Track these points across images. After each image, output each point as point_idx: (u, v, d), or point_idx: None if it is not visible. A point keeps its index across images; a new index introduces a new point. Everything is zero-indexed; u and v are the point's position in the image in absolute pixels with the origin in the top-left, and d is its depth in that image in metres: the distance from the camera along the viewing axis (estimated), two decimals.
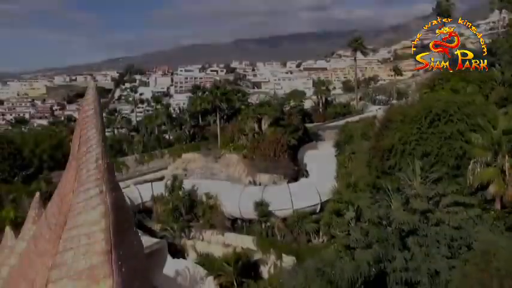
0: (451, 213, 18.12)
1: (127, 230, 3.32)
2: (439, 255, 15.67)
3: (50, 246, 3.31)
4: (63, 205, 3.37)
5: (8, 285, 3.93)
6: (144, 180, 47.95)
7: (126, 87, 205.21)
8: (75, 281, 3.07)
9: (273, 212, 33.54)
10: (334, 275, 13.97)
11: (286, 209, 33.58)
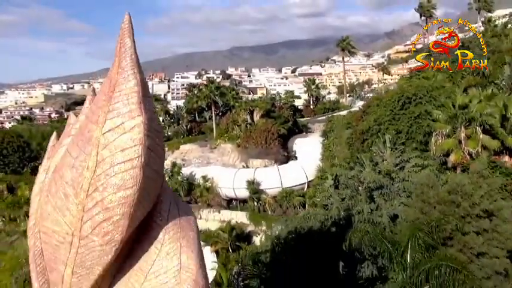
0: (412, 172, 20.70)
1: (148, 97, 5.74)
2: (398, 203, 18.22)
3: (105, 102, 5.76)
4: (111, 81, 5.77)
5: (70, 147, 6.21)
6: None
7: None
8: (120, 117, 5.47)
9: (264, 190, 36.09)
10: (308, 220, 16.49)
11: (276, 188, 36.15)
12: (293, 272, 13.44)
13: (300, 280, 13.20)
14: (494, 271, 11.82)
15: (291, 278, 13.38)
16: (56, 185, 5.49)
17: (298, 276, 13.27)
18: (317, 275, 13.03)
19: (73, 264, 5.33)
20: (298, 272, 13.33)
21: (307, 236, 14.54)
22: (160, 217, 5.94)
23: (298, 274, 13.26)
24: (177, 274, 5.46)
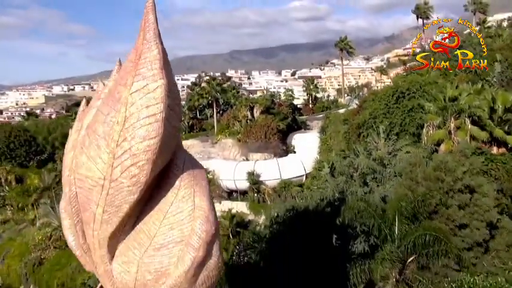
0: (403, 159, 21.65)
1: (168, 65, 6.69)
2: (390, 186, 19.17)
3: (132, 68, 6.68)
4: (137, 51, 6.70)
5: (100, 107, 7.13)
6: None
7: None
8: (145, 80, 6.43)
9: (264, 182, 37.07)
10: (304, 200, 17.48)
11: (275, 179, 37.13)
12: (290, 246, 14.42)
13: (296, 254, 14.16)
14: (475, 242, 12.75)
15: (288, 253, 14.35)
16: (89, 138, 6.50)
17: (294, 250, 14.24)
18: (312, 250, 13.99)
19: (104, 204, 6.29)
20: (295, 246, 14.30)
21: (303, 213, 15.50)
22: (176, 168, 6.97)
23: (295, 249, 14.23)
24: (191, 213, 6.49)
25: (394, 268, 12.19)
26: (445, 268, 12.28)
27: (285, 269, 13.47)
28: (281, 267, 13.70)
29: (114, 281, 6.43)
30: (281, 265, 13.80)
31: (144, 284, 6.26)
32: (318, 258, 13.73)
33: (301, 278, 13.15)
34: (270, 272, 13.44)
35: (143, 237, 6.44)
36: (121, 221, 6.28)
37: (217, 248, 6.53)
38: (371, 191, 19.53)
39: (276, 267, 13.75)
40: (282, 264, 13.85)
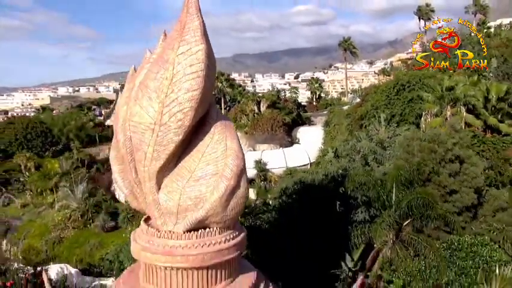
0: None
1: (207, 35, 8.16)
2: (389, 164, 20.45)
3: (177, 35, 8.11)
4: (182, 22, 8.15)
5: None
6: None
7: None
8: (189, 44, 7.87)
9: (270, 170, 38.43)
10: (310, 174, 18.82)
11: (281, 168, 38.47)
12: (297, 214, 15.80)
13: (302, 221, 15.54)
14: (464, 207, 14.00)
15: (295, 220, 15.73)
16: (142, 92, 7.98)
17: (301, 218, 15.61)
18: (317, 217, 15.36)
19: (154, 144, 7.76)
20: (301, 214, 15.68)
21: (309, 186, 16.88)
22: (211, 118, 8.46)
23: (301, 216, 15.61)
24: (224, 151, 7.97)
25: (392, 231, 13.52)
26: (437, 231, 13.57)
27: (292, 234, 14.82)
28: (288, 233, 15.04)
29: (160, 207, 7.85)
30: (288, 231, 15.15)
31: (185, 209, 7.68)
32: (322, 224, 15.09)
33: (307, 242, 14.48)
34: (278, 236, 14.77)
35: (184, 172, 7.87)
36: (167, 158, 7.71)
37: (244, 180, 7.95)
38: (372, 170, 20.83)
39: (283, 232, 15.10)
40: (289, 230, 15.20)
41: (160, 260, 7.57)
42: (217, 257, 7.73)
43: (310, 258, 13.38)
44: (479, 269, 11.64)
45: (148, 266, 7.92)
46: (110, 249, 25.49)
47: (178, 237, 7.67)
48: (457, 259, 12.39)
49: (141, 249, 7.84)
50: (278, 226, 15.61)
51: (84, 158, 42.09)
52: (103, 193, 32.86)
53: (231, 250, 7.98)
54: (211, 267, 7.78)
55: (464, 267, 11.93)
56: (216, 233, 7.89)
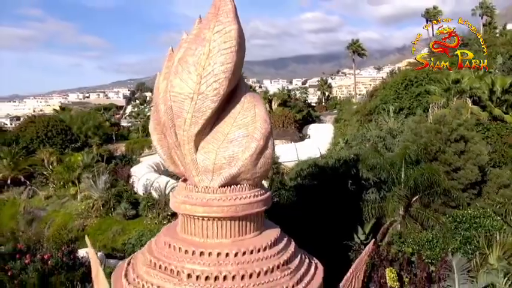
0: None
1: (238, 17, 9.27)
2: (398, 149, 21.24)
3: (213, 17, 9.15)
4: (216, 6, 9.22)
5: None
6: None
7: (134, 111, 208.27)
8: (223, 24, 8.97)
9: (282, 163, 39.29)
10: (324, 158, 19.74)
11: (293, 161, 39.30)
12: (311, 193, 16.75)
13: (316, 200, 16.47)
14: (469, 183, 14.77)
15: (310, 199, 16.68)
16: (182, 66, 9.05)
17: (315, 196, 16.55)
18: (330, 196, 16.28)
19: (193, 111, 8.81)
20: (315, 193, 16.63)
21: (322, 168, 17.84)
22: (241, 89, 9.54)
23: (315, 195, 16.56)
24: (254, 117, 9.01)
25: (401, 205, 14.42)
26: (443, 206, 14.39)
27: (307, 210, 15.71)
28: (303, 210, 15.97)
29: (198, 166, 8.88)
30: (303, 208, 16.08)
31: (220, 167, 8.71)
32: (335, 202, 16.00)
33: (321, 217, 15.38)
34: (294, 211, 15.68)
35: (219, 135, 8.92)
36: (204, 123, 8.76)
37: (271, 142, 8.98)
38: (382, 156, 21.65)
39: (299, 208, 16.04)
40: (304, 207, 16.12)
41: (198, 210, 8.59)
42: (248, 209, 8.74)
43: (324, 230, 14.38)
44: (482, 237, 12.48)
45: (186, 218, 8.94)
46: (132, 234, 26.56)
47: (214, 191, 8.69)
48: (462, 230, 13.23)
49: (181, 202, 8.88)
50: (294, 204, 16.56)
51: (103, 154, 43.48)
52: (123, 184, 34.07)
53: (259, 204, 8.99)
54: (242, 218, 8.79)
55: (469, 237, 12.76)
56: (246, 189, 8.90)
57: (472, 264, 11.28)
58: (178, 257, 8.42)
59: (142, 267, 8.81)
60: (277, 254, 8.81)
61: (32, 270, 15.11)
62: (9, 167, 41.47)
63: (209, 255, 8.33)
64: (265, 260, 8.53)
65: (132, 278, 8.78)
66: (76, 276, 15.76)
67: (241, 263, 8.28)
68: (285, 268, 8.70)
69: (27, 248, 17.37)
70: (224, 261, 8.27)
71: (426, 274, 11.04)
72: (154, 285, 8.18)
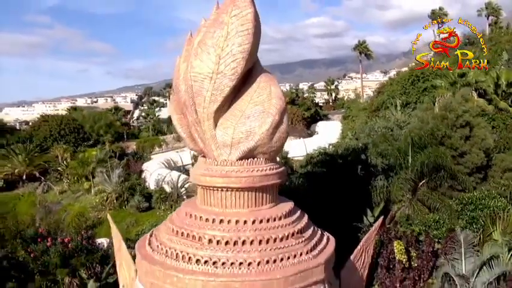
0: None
1: (254, 1, 9.82)
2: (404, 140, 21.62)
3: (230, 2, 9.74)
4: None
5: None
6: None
7: (144, 109, 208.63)
8: (240, 8, 9.51)
9: (292, 158, 39.82)
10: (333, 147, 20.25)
11: (302, 156, 39.82)
12: (321, 179, 17.22)
13: (326, 185, 16.93)
14: (474, 167, 15.13)
15: (320, 184, 17.14)
16: (201, 49, 9.60)
17: (325, 182, 17.01)
18: (340, 182, 16.73)
19: (212, 89, 9.35)
20: (325, 179, 17.09)
21: (332, 156, 18.31)
22: (256, 70, 10.06)
23: (325, 181, 17.02)
24: (269, 94, 9.53)
25: (407, 189, 14.85)
26: (450, 190, 14.77)
27: (317, 195, 16.18)
28: (314, 194, 16.43)
29: (217, 141, 9.40)
30: (314, 193, 16.54)
31: (238, 141, 9.22)
32: (345, 187, 16.46)
33: (331, 201, 15.84)
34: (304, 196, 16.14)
35: (237, 112, 9.43)
36: (223, 101, 9.28)
37: (285, 118, 9.48)
38: (389, 145, 22.03)
39: (309, 194, 16.49)
40: (314, 192, 16.58)
41: (218, 181, 9.10)
42: (264, 181, 9.24)
43: (334, 213, 14.87)
44: (487, 217, 12.87)
45: (206, 190, 9.46)
46: (146, 225, 27.19)
47: (232, 164, 9.20)
48: (468, 211, 13.63)
49: (201, 175, 9.40)
50: (304, 189, 17.02)
51: (115, 150, 44.27)
52: (136, 178, 34.77)
53: (275, 177, 9.50)
54: (259, 189, 9.29)
55: (474, 217, 13.16)
56: (262, 162, 9.40)
57: (476, 241, 11.64)
58: (199, 224, 8.93)
59: (165, 235, 9.34)
60: (291, 223, 9.30)
61: (54, 252, 15.71)
62: (24, 163, 42.39)
63: (228, 223, 8.82)
64: (281, 228, 9.02)
65: (155, 245, 9.31)
66: (95, 258, 16.33)
67: (258, 230, 8.77)
68: (299, 236, 9.18)
69: (48, 233, 18.02)
70: (242, 228, 8.76)
71: (432, 249, 11.45)
72: (177, 250, 8.67)
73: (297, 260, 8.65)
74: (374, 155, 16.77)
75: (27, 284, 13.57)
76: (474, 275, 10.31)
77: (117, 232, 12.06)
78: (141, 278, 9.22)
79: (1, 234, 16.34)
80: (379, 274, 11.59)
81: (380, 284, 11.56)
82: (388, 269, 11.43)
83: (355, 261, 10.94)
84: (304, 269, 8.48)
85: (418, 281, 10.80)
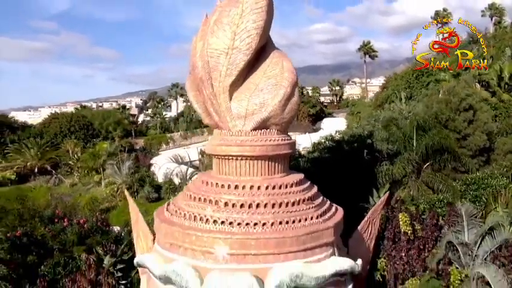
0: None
1: None
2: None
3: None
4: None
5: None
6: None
7: (148, 113, 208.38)
8: None
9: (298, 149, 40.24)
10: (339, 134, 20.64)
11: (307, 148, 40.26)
12: (327, 163, 17.61)
13: (333, 169, 17.31)
14: (477, 150, 15.45)
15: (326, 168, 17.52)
16: (217, 26, 10.07)
17: (331, 166, 17.39)
18: (346, 166, 17.10)
19: (228, 63, 9.82)
20: (332, 163, 17.48)
21: (338, 142, 18.71)
22: (269, 47, 10.47)
23: (331, 165, 17.40)
24: (281, 69, 9.99)
25: (412, 171, 15.21)
26: (453, 172, 15.13)
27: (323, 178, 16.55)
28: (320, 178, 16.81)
29: (232, 113, 9.84)
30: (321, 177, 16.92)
31: (252, 112, 9.67)
32: (351, 170, 16.83)
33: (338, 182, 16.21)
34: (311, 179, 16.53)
35: (251, 85, 9.89)
36: (238, 74, 9.74)
37: (297, 91, 9.92)
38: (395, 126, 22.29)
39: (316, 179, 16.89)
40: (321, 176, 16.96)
41: (233, 150, 9.55)
42: (276, 150, 9.69)
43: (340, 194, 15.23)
44: (490, 195, 13.24)
45: (221, 159, 9.91)
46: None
47: (246, 134, 9.65)
48: (471, 191, 13.99)
49: (217, 145, 9.87)
50: (310, 171, 17.41)
51: (124, 145, 44.94)
52: (145, 170, 35.33)
53: (286, 147, 9.95)
54: (271, 158, 9.73)
55: (477, 196, 13.52)
56: (275, 133, 9.86)
57: (479, 216, 11.99)
58: (216, 190, 9.39)
59: (183, 201, 9.80)
60: (302, 191, 9.74)
61: (71, 231, 16.23)
62: (36, 156, 43.06)
63: (243, 188, 9.27)
64: (292, 194, 9.46)
65: (173, 210, 9.79)
66: (110, 238, 16.83)
67: (271, 195, 9.22)
68: (310, 202, 9.62)
69: (64, 215, 18.56)
70: (256, 192, 9.21)
71: (436, 221, 11.83)
72: (194, 213, 9.13)
73: (307, 222, 9.09)
74: (379, 140, 17.15)
75: (46, 258, 14.08)
76: (477, 244, 10.68)
77: (134, 205, 12.55)
78: (160, 241, 9.68)
79: (21, 213, 16.85)
80: (385, 246, 11.99)
81: (386, 256, 11.95)
82: (394, 241, 11.83)
83: (362, 232, 11.34)
84: (315, 231, 8.92)
85: (422, 251, 11.18)
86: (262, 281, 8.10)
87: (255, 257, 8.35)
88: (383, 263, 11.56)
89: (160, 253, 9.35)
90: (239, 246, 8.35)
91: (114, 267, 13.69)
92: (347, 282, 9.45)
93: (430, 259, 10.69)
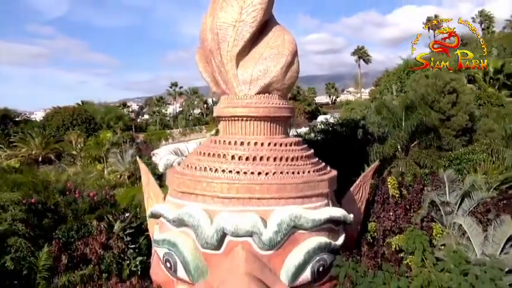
0: None
1: None
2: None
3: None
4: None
5: None
6: None
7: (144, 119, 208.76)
8: None
9: None
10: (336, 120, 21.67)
11: None
12: (322, 145, 18.54)
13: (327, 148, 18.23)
14: (460, 129, 16.45)
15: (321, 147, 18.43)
16: (226, 2, 11.01)
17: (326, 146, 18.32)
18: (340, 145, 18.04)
19: (235, 35, 10.75)
20: (326, 144, 18.41)
21: (333, 124, 19.72)
22: (272, 22, 11.37)
23: (326, 145, 18.34)
24: (283, 40, 10.93)
25: (401, 149, 16.20)
26: (438, 150, 16.11)
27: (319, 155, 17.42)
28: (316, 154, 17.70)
29: (238, 79, 10.75)
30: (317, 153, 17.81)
31: (256, 78, 10.60)
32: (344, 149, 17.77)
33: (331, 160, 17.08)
34: None
35: (255, 55, 10.82)
36: (244, 45, 10.66)
37: (297, 60, 10.85)
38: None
39: None
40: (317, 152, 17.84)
41: (239, 111, 10.46)
42: (278, 112, 10.62)
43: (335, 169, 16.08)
44: (471, 168, 14.25)
45: (228, 121, 10.83)
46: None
47: (251, 97, 10.57)
48: (454, 165, 15.00)
49: (224, 107, 10.78)
50: None
51: (126, 138, 45.74)
52: (147, 159, 36.06)
53: (287, 111, 10.89)
54: (274, 119, 10.65)
55: (460, 169, 14.52)
56: (276, 98, 10.78)
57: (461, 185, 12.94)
58: (223, 146, 10.30)
59: (193, 157, 10.72)
60: (301, 150, 10.67)
61: (82, 201, 17.05)
62: (40, 146, 43.69)
63: (248, 144, 10.19)
64: (292, 151, 10.38)
65: (185, 165, 10.69)
66: (119, 209, 17.65)
67: (273, 150, 10.14)
68: (307, 159, 10.56)
69: (75, 188, 19.37)
70: (260, 148, 10.13)
71: (422, 186, 12.80)
72: (204, 165, 10.03)
73: (305, 174, 10.03)
74: (371, 123, 18.12)
75: (60, 224, 14.86)
76: (457, 204, 11.66)
77: (145, 169, 13.41)
78: (172, 193, 10.56)
79: (35, 183, 17.65)
80: (375, 209, 12.92)
81: (376, 218, 12.86)
82: (383, 205, 12.77)
83: (354, 193, 12.28)
84: (312, 180, 9.86)
85: (408, 211, 12.12)
86: (265, 221, 8.99)
87: (259, 200, 9.25)
88: (373, 225, 12.49)
89: (173, 202, 10.21)
90: (245, 191, 9.25)
91: (124, 231, 14.48)
92: (340, 232, 10.34)
93: (415, 217, 11.63)
